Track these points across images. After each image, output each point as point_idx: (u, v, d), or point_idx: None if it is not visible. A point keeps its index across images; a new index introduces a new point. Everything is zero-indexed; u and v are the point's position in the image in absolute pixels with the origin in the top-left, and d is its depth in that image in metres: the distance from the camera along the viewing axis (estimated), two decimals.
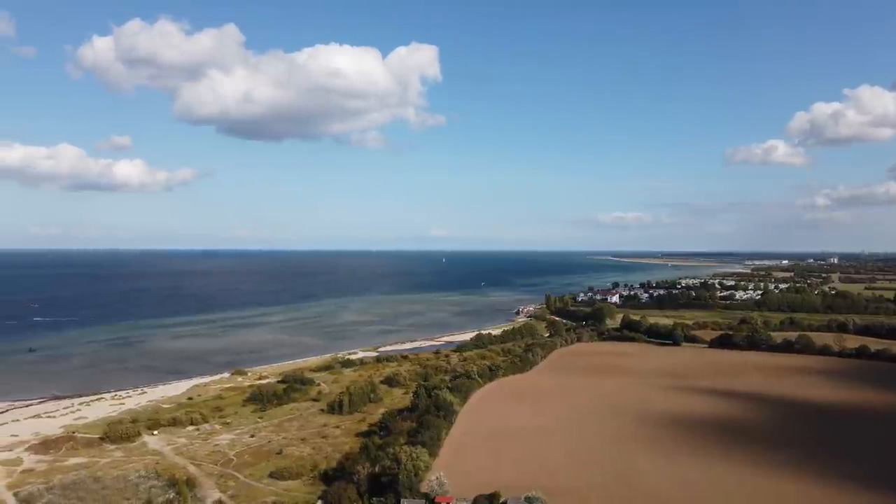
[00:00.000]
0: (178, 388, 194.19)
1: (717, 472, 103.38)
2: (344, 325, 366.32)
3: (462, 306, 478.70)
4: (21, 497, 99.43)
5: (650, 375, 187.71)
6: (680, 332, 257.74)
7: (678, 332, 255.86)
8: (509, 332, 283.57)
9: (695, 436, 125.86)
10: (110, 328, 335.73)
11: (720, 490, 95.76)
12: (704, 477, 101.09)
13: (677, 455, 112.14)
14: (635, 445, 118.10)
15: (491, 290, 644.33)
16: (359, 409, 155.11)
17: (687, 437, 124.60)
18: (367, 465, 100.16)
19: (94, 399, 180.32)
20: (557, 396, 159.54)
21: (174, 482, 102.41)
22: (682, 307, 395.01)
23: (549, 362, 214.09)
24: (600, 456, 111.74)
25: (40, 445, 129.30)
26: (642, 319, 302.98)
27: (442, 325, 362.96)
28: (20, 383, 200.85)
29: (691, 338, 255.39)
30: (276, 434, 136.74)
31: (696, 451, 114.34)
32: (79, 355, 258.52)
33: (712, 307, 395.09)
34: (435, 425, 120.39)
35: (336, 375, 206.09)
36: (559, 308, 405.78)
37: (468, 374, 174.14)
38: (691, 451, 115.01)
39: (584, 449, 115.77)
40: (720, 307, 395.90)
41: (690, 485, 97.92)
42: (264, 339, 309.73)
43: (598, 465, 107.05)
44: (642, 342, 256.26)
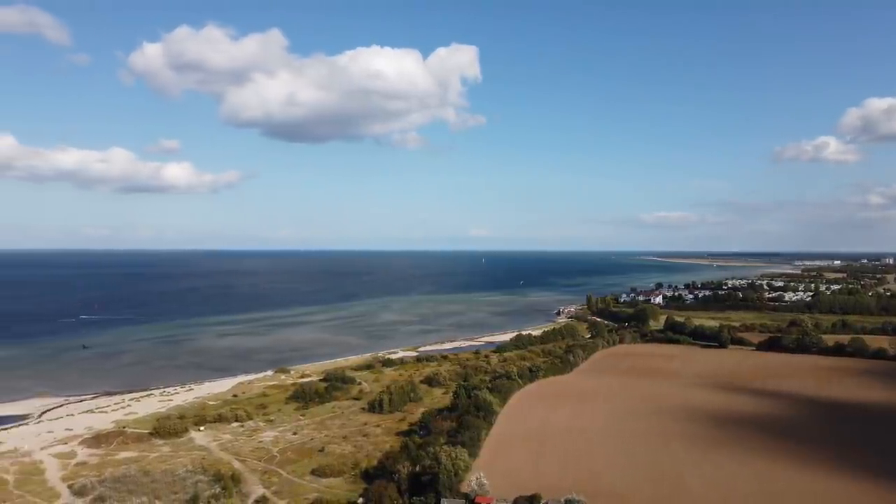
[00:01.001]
0: (224, 386, 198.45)
1: (763, 474, 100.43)
2: (384, 325, 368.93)
3: (502, 307, 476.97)
4: (75, 489, 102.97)
5: (694, 378, 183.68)
6: (726, 334, 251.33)
7: (724, 335, 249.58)
8: (550, 333, 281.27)
9: (740, 438, 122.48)
10: (159, 326, 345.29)
11: (766, 493, 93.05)
12: (749, 480, 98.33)
13: (722, 458, 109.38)
14: (678, 448, 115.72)
15: (531, 290, 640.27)
16: (399, 408, 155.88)
17: (732, 440, 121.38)
18: (407, 465, 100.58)
19: (144, 395, 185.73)
20: (599, 398, 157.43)
21: (220, 477, 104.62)
22: (728, 308, 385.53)
23: (591, 364, 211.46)
24: (642, 458, 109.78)
25: (93, 439, 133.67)
26: (687, 321, 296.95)
27: (482, 326, 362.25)
28: (74, 379, 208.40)
29: (738, 340, 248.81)
30: (318, 432, 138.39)
31: (741, 454, 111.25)
32: (129, 352, 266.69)
33: (760, 309, 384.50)
34: (475, 426, 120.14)
35: (377, 374, 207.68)
36: (601, 309, 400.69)
37: (508, 374, 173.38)
38: (737, 454, 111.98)
39: (625, 451, 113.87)
40: (768, 309, 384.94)
41: (735, 488, 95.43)
42: (306, 338, 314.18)
43: (640, 467, 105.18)
44: (687, 344, 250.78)
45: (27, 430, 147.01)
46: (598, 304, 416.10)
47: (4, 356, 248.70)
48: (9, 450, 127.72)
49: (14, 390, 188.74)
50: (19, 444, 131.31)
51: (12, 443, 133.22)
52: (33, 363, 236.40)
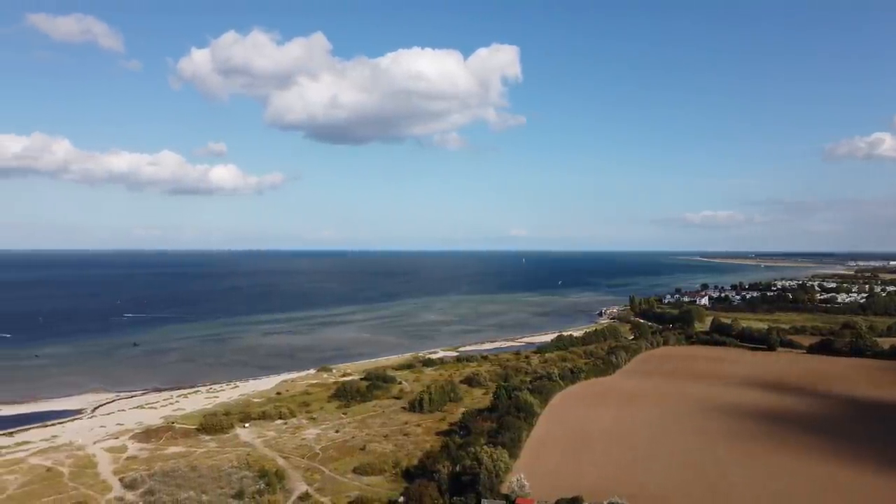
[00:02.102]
0: (268, 384, 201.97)
1: (815, 479, 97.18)
2: (425, 325, 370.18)
3: (543, 307, 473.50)
4: (126, 482, 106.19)
5: (741, 381, 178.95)
6: (775, 336, 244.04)
7: (773, 337, 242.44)
8: (592, 334, 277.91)
9: (788, 441, 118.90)
10: (205, 325, 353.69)
11: (816, 499, 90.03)
12: (797, 485, 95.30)
13: (769, 461, 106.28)
14: (723, 451, 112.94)
15: (572, 290, 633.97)
16: (439, 408, 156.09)
17: (780, 443, 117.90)
18: (447, 464, 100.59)
19: (191, 392, 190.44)
20: (641, 400, 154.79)
21: (264, 473, 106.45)
22: (776, 310, 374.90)
23: (634, 366, 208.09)
24: (686, 461, 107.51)
25: (143, 434, 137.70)
26: (734, 322, 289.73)
27: (522, 326, 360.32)
28: (125, 376, 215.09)
29: (787, 342, 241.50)
30: (359, 430, 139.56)
31: (789, 459, 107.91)
32: (177, 350, 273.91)
33: (811, 310, 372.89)
34: (515, 426, 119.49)
35: (417, 374, 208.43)
36: (644, 310, 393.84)
37: (549, 375, 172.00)
38: (785, 457, 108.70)
39: (669, 454, 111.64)
40: (820, 311, 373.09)
41: (782, 493, 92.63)
42: (348, 338, 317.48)
43: (684, 470, 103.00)
44: (733, 346, 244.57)
45: (81, 424, 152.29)
46: (641, 304, 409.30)
47: (61, 353, 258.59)
48: (64, 443, 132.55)
49: (69, 386, 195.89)
50: (74, 438, 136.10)
51: (67, 436, 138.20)
52: (87, 360, 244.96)
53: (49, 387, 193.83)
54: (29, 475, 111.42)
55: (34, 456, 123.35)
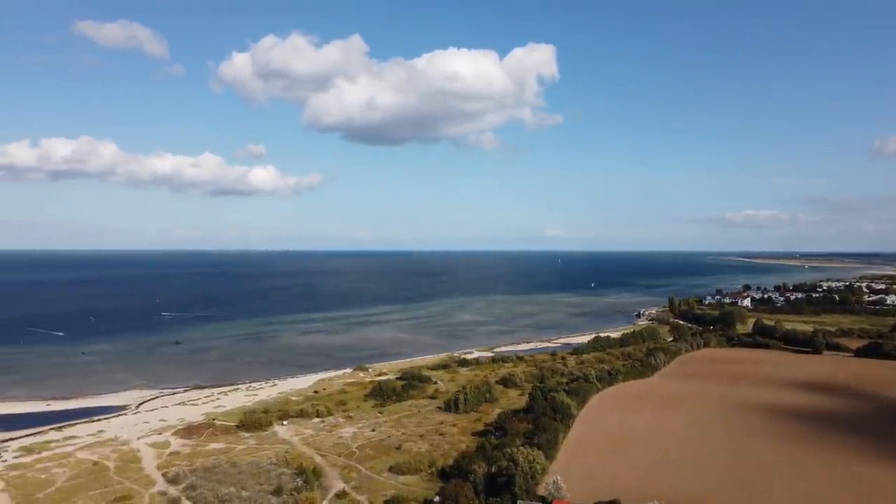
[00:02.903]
0: (306, 382, 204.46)
1: (856, 483, 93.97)
2: (460, 325, 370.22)
3: (579, 308, 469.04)
4: (168, 477, 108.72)
5: (785, 384, 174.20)
6: (820, 338, 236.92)
7: (818, 339, 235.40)
8: (630, 336, 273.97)
9: (832, 445, 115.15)
10: (245, 324, 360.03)
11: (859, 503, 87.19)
12: (840, 488, 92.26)
13: (812, 465, 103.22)
14: (765, 454, 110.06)
15: (609, 291, 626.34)
16: (474, 408, 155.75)
17: (823, 447, 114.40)
18: (483, 465, 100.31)
19: (231, 389, 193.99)
20: (681, 403, 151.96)
21: (302, 471, 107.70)
22: (822, 312, 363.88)
23: (673, 368, 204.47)
24: (727, 466, 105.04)
25: (185, 430, 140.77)
26: (777, 324, 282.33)
27: (558, 327, 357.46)
28: (168, 373, 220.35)
29: (833, 345, 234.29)
30: (395, 429, 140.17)
31: (833, 462, 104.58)
32: (217, 348, 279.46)
33: (858, 312, 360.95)
34: (552, 428, 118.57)
35: (452, 374, 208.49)
36: (684, 311, 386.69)
37: (586, 377, 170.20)
38: (828, 461, 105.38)
39: (709, 458, 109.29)
40: (868, 312, 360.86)
41: (823, 496, 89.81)
42: (384, 337, 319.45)
43: (725, 476, 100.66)
44: (777, 349, 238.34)
45: (126, 419, 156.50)
46: (681, 306, 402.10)
47: (107, 350, 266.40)
48: (110, 438, 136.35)
49: (115, 382, 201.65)
50: (119, 433, 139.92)
51: (113, 432, 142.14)
52: (132, 357, 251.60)
53: (95, 383, 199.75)
54: (76, 469, 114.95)
55: (81, 450, 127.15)
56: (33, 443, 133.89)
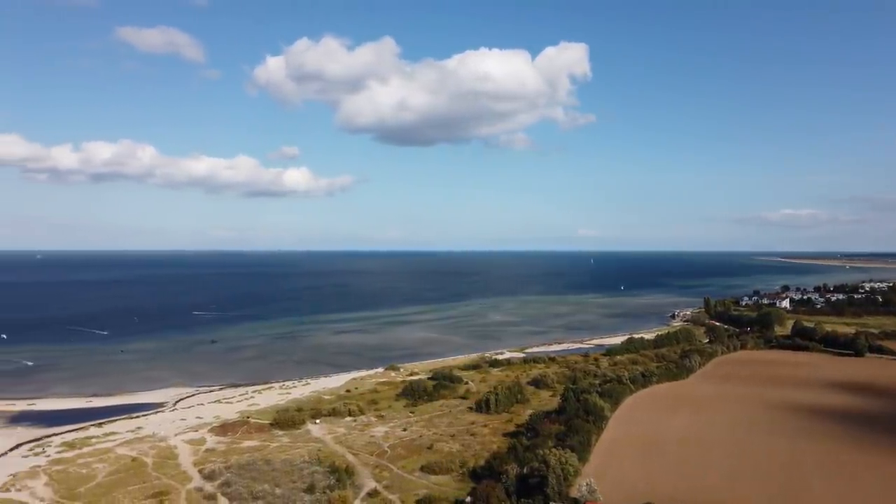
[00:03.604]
0: (338, 381, 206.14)
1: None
2: (491, 325, 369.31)
3: (612, 308, 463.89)
4: (204, 474, 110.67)
5: (826, 388, 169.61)
6: (863, 341, 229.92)
7: (861, 342, 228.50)
8: (664, 337, 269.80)
9: (879, 451, 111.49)
10: (278, 323, 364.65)
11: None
12: (885, 490, 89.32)
13: (854, 467, 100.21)
14: (807, 459, 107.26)
15: (643, 291, 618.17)
16: (506, 409, 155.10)
17: (865, 448, 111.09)
18: (514, 466, 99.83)
19: (265, 388, 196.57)
20: (717, 406, 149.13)
21: (334, 469, 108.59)
22: (865, 314, 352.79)
23: (708, 370, 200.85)
24: (766, 471, 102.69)
25: (220, 428, 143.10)
26: (817, 326, 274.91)
27: (591, 328, 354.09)
28: (204, 371, 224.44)
29: (877, 348, 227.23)
30: (426, 429, 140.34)
31: (878, 468, 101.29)
32: (252, 347, 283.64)
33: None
34: (584, 430, 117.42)
35: (483, 375, 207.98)
36: (720, 312, 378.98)
37: (619, 378, 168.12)
38: (872, 467, 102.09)
39: (747, 463, 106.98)
40: None
41: (866, 499, 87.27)
42: (415, 337, 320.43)
43: (763, 481, 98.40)
44: (817, 351, 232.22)
45: (163, 416, 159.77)
46: (716, 307, 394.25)
47: (145, 349, 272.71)
48: (148, 435, 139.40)
49: (154, 380, 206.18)
50: (156, 430, 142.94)
51: (151, 428, 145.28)
52: (169, 355, 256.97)
53: (134, 381, 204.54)
54: (116, 464, 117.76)
55: (121, 446, 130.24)
56: (75, 438, 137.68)
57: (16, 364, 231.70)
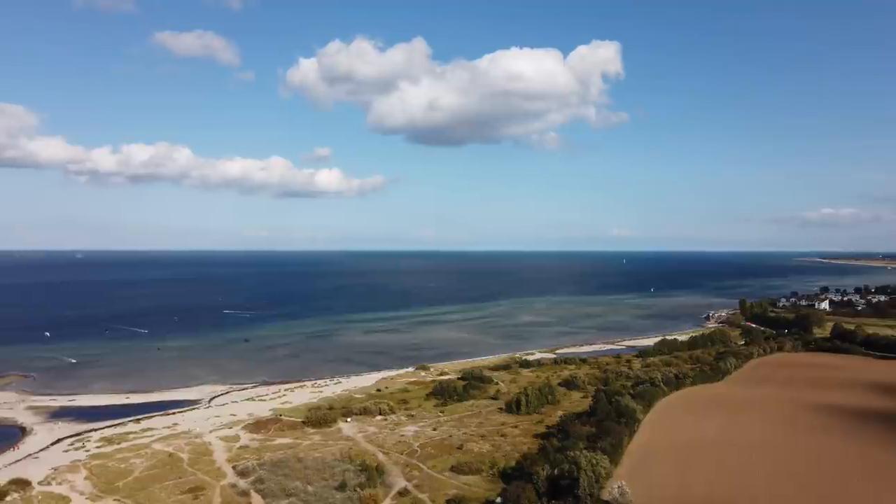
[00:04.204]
0: (368, 380, 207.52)
1: None
2: (522, 326, 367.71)
3: (645, 309, 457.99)
4: (238, 470, 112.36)
5: (867, 390, 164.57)
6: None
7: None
8: (698, 339, 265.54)
9: None
10: (310, 322, 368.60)
11: None
12: None
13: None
14: (849, 463, 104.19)
15: (677, 292, 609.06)
16: (536, 409, 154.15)
17: None
18: (545, 467, 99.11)
19: (297, 386, 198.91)
20: (754, 409, 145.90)
21: (365, 467, 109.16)
22: None
23: (744, 372, 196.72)
24: (804, 475, 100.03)
25: (253, 425, 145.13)
26: (858, 329, 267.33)
27: (623, 329, 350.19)
28: (238, 369, 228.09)
29: None
30: (456, 429, 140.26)
31: None
32: (284, 346, 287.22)
33: None
34: (616, 432, 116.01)
35: (514, 375, 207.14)
36: (756, 314, 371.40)
37: (652, 380, 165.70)
38: None
39: (784, 467, 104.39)
40: None
41: None
42: (445, 337, 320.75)
43: (802, 484, 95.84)
44: (858, 354, 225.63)
45: (198, 413, 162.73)
46: (753, 308, 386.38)
47: (181, 346, 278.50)
48: (183, 431, 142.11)
49: (189, 377, 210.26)
50: (192, 427, 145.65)
51: (186, 425, 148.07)
52: (204, 353, 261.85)
53: (170, 378, 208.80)
54: (153, 459, 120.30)
55: (157, 442, 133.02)
56: (113, 434, 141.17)
57: (59, 361, 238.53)
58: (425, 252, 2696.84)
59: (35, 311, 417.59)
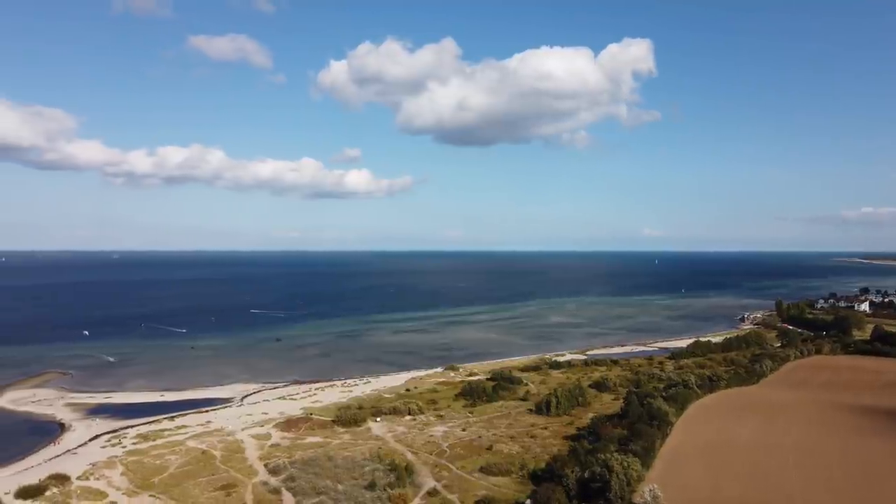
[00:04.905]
0: (397, 380, 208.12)
1: None
2: (551, 326, 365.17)
3: (677, 310, 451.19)
4: (270, 468, 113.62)
5: None
6: None
7: None
8: (733, 340, 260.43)
9: None
10: (340, 322, 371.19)
11: None
12: None
13: None
14: (886, 472, 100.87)
15: (710, 293, 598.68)
16: (567, 411, 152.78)
17: None
18: (576, 469, 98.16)
19: (327, 385, 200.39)
20: (791, 413, 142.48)
21: (394, 467, 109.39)
22: None
23: (781, 375, 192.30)
24: (842, 480, 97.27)
25: (284, 424, 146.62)
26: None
27: (655, 330, 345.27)
28: (269, 368, 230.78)
29: None
30: (485, 430, 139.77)
31: None
32: (315, 345, 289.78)
33: None
34: (648, 434, 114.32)
35: (543, 376, 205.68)
36: (793, 315, 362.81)
37: (685, 383, 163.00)
38: None
39: (822, 471, 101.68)
40: None
41: None
42: (474, 337, 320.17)
43: (839, 490, 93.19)
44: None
45: (231, 412, 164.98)
46: (789, 309, 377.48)
47: (214, 345, 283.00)
48: (217, 429, 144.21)
49: (223, 376, 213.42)
50: (224, 425, 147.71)
51: (219, 423, 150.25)
52: (236, 352, 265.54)
53: (203, 376, 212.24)
54: (187, 456, 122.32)
55: (191, 439, 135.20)
56: (149, 431, 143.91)
57: (96, 359, 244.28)
58: (453, 252, 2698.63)
59: (73, 310, 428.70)
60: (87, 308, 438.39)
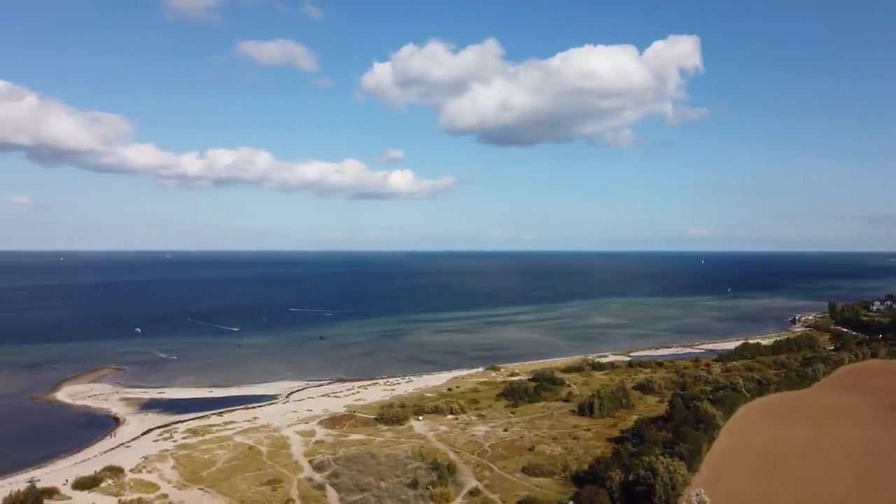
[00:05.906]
0: (439, 379, 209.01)
1: None
2: (595, 327, 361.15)
3: (724, 311, 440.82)
4: (314, 464, 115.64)
5: None
6: None
7: None
8: (783, 343, 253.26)
9: None
10: (383, 321, 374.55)
11: None
12: None
13: None
14: None
15: (759, 294, 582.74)
16: (610, 413, 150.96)
17: None
18: (619, 472, 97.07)
19: (370, 384, 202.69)
20: (844, 418, 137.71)
21: (436, 466, 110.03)
22: None
23: (834, 379, 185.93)
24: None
25: (329, 421, 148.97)
26: None
27: (701, 332, 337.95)
28: (314, 366, 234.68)
29: None
30: (527, 430, 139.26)
31: None
32: (358, 344, 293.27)
33: None
34: (694, 438, 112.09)
35: (586, 378, 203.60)
36: (847, 318, 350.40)
37: (733, 386, 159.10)
38: None
39: (877, 478, 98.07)
40: None
41: None
42: (516, 337, 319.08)
43: (894, 497, 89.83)
44: None
45: (277, 408, 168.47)
46: (843, 311, 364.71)
47: (260, 343, 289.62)
48: (263, 425, 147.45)
49: (269, 373, 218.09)
50: (271, 421, 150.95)
51: (266, 419, 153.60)
52: (281, 350, 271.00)
53: (250, 374, 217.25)
54: (234, 451, 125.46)
55: (238, 435, 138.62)
56: (198, 426, 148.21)
57: (149, 356, 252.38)
58: (497, 252, 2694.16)
59: (127, 308, 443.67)
60: (139, 306, 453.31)
